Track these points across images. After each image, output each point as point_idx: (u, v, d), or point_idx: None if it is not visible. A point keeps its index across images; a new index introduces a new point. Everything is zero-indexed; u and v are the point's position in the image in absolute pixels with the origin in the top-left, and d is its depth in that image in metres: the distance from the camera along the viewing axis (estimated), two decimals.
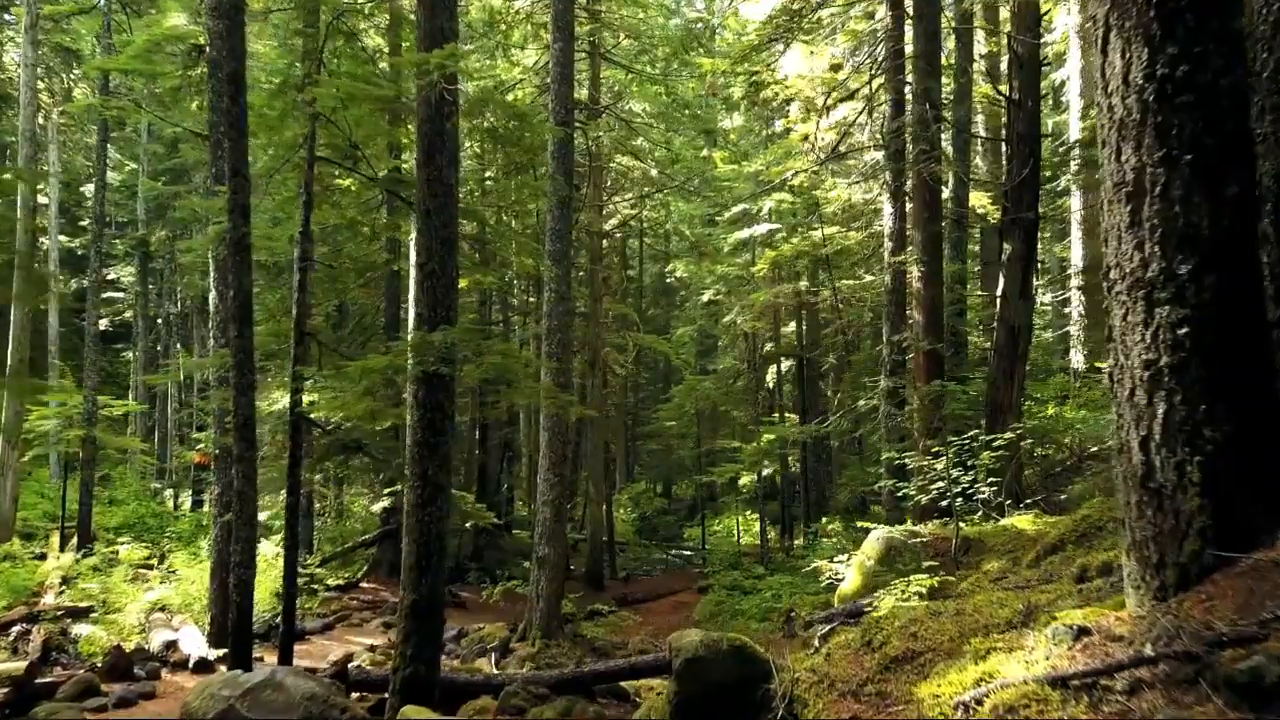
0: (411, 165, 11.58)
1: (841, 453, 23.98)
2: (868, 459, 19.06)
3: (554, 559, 14.13)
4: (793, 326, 24.90)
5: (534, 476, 16.39)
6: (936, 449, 8.79)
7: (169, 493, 27.52)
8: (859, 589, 8.61)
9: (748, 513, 28.28)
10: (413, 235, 9.16)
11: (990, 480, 9.11)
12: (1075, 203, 20.14)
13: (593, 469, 22.03)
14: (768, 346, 25.86)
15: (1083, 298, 20.26)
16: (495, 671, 10.02)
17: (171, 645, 11.40)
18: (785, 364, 25.81)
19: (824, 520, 23.00)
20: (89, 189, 30.97)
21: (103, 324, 33.55)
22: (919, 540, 8.50)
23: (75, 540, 18.58)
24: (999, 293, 12.31)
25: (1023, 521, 8.54)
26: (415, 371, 7.05)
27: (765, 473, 24.22)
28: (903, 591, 3.79)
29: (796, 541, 23.89)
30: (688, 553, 26.60)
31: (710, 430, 31.07)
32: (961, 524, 8.50)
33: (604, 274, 23.78)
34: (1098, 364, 19.82)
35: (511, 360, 7.03)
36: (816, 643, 4.65)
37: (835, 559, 9.81)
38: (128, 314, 32.90)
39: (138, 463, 25.63)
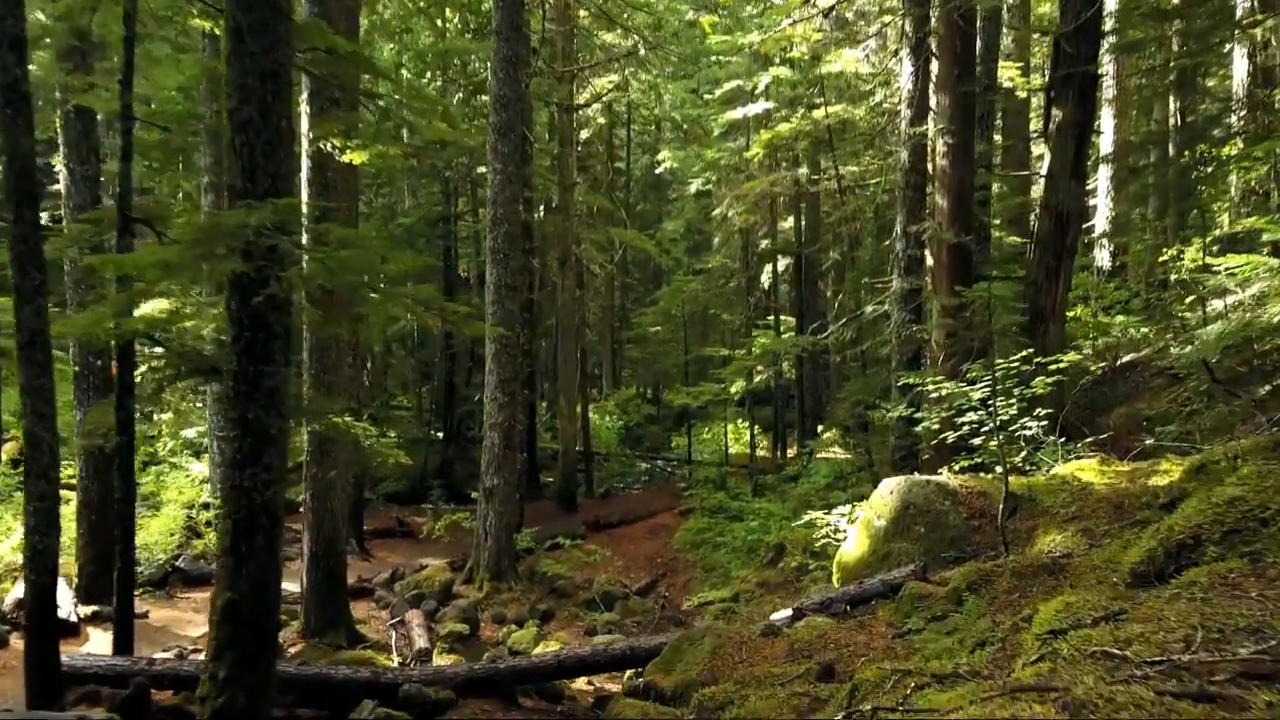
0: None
1: (843, 364, 21.77)
2: (873, 372, 16.85)
3: (504, 490, 12.13)
4: (790, 222, 22.34)
5: None
6: (973, 374, 6.59)
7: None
8: (865, 557, 6.55)
9: (738, 421, 26.29)
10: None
11: (1038, 413, 6.95)
12: (1106, 77, 17.30)
13: (564, 379, 19.91)
14: (763, 244, 23.35)
15: (1111, 187, 17.76)
16: (391, 666, 8.05)
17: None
18: (782, 263, 23.36)
19: (820, 432, 21.00)
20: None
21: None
22: (948, 497, 6.38)
23: None
24: (1044, 171, 9.91)
25: (1087, 471, 6.40)
26: (226, 273, 4.76)
27: (757, 378, 22.08)
28: None
29: (789, 452, 21.97)
30: (674, 462, 24.73)
31: (700, 335, 28.83)
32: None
33: (578, 159, 21.10)
34: (1126, 261, 17.53)
35: (364, 256, 4.76)
36: None
37: (834, 509, 7.75)
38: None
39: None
